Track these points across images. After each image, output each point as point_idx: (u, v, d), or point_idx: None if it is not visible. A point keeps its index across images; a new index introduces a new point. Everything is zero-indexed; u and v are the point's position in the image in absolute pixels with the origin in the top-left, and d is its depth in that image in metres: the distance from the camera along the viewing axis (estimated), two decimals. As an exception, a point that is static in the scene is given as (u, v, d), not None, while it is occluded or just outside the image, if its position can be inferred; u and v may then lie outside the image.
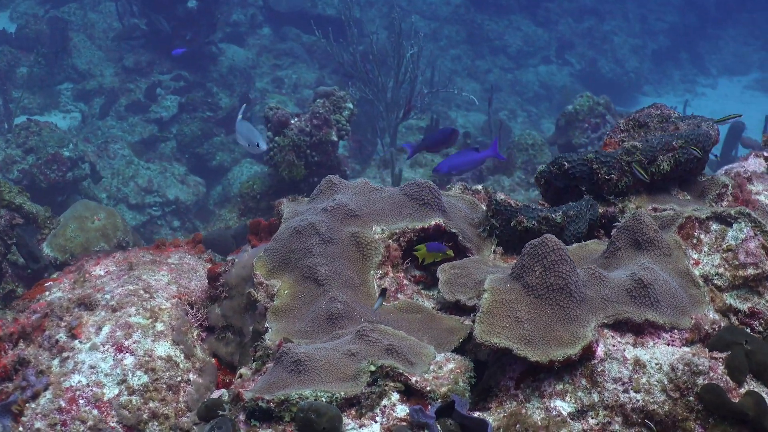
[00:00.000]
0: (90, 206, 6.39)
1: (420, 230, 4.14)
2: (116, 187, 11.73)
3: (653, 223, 3.75)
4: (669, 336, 3.43)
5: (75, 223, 6.12)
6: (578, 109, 11.56)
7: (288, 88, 16.30)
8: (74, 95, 14.60)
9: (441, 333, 3.67)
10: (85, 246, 6.03)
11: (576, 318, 3.34)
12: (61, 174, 10.07)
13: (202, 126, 13.31)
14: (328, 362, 3.30)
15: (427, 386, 3.26)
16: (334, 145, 8.64)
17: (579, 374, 3.31)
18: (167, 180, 12.03)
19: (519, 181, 10.81)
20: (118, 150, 12.40)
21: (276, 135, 8.53)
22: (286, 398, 3.17)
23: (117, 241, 6.12)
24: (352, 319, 3.68)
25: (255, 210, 8.93)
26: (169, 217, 11.79)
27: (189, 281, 4.49)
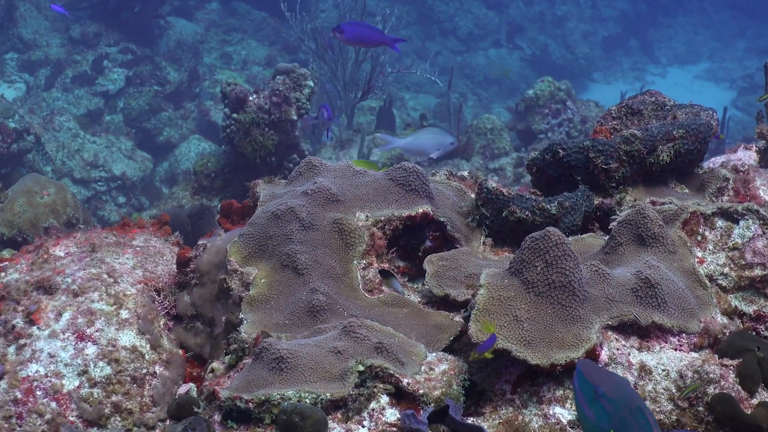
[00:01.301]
0: (39, 180, 6.09)
1: (406, 218, 3.90)
2: (61, 160, 11.45)
3: (658, 218, 3.55)
4: (676, 340, 3.26)
5: (23, 198, 5.82)
6: (539, 94, 11.48)
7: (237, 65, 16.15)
8: (19, 65, 14.27)
9: (429, 330, 3.44)
10: (34, 222, 5.74)
11: (579, 318, 3.14)
12: (6, 146, 9.81)
13: (149, 100, 13.14)
14: (313, 360, 3.06)
15: (419, 389, 3.03)
16: (293, 124, 8.47)
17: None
18: (114, 155, 11.80)
19: (478, 166, 10.68)
20: (63, 122, 12.15)
21: (233, 111, 8.30)
22: (267, 399, 2.92)
23: (67, 218, 5.83)
24: (334, 313, 3.44)
25: (209, 189, 8.75)
26: (115, 193, 11.60)
27: (155, 266, 4.21)
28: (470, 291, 3.54)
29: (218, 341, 3.63)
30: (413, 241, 3.97)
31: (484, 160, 10.89)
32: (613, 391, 2.45)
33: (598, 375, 2.48)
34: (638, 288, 3.26)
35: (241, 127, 8.21)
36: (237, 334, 3.42)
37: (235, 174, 8.68)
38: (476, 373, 3.28)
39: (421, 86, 17.47)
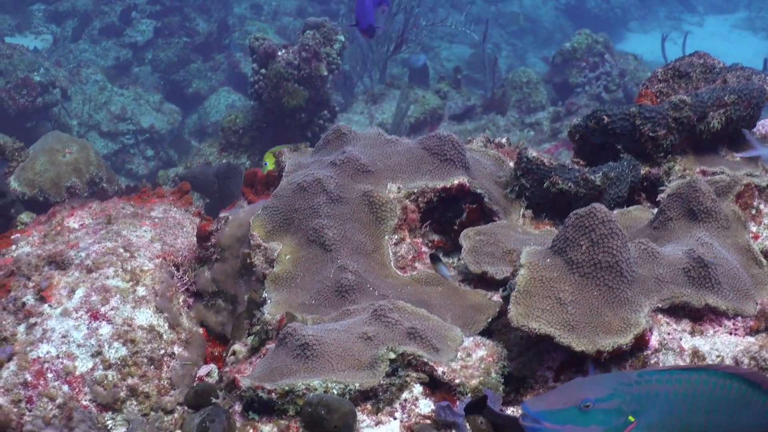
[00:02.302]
0: (61, 138, 5.88)
1: (441, 190, 3.68)
2: (88, 113, 11.28)
3: (710, 191, 3.31)
4: (731, 323, 3.02)
5: (45, 156, 5.62)
6: (576, 46, 11.24)
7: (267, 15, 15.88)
8: (46, 16, 14.08)
9: (466, 311, 3.23)
10: (56, 181, 5.53)
11: (627, 301, 2.91)
12: (31, 99, 9.70)
13: (178, 52, 12.94)
14: (341, 347, 2.84)
15: (455, 378, 2.82)
16: (323, 79, 8.25)
17: (629, 366, 2.89)
18: (141, 107, 11.63)
19: (514, 121, 10.46)
20: (90, 75, 11.99)
21: (262, 67, 8.08)
22: (291, 389, 2.71)
23: (90, 176, 5.62)
24: (364, 292, 3.22)
25: (237, 145, 8.57)
26: (143, 146, 11.44)
27: (175, 238, 4.01)
28: (509, 268, 3.32)
29: (240, 321, 3.42)
30: (448, 214, 3.75)
31: (520, 115, 10.67)
32: (599, 391, 2.30)
33: (558, 396, 2.32)
34: (690, 268, 3.02)
35: (269, 82, 7.99)
36: (260, 315, 3.21)
37: (264, 131, 8.49)
38: (516, 359, 3.06)
39: (455, 36, 17.11)
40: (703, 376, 2.32)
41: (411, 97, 10.38)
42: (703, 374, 2.33)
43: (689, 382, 2.33)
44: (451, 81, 10.93)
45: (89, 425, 3.35)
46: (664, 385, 2.30)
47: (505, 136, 4.38)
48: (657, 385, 2.30)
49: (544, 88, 11.04)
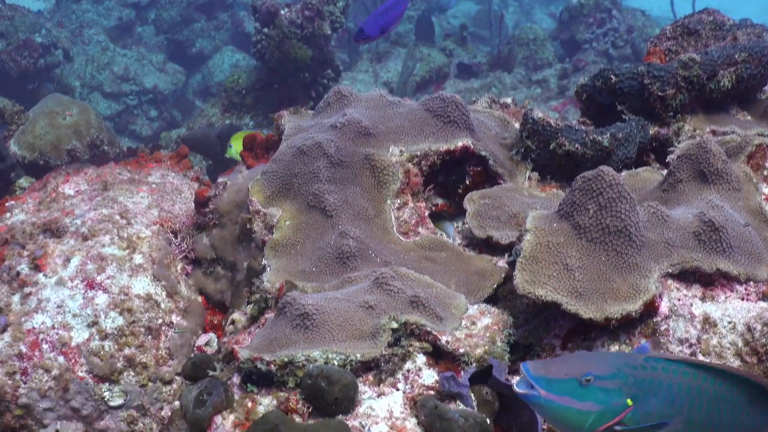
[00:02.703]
0: (62, 101, 5.79)
1: (445, 152, 3.58)
2: (90, 74, 11.15)
3: (721, 152, 3.21)
4: (743, 289, 2.93)
5: (45, 119, 5.52)
6: (583, 2, 11.14)
7: (271, -27, 15.57)
8: (47, -25, 13.90)
9: (470, 277, 3.15)
10: (56, 144, 5.44)
11: (636, 266, 2.83)
12: (32, 61, 9.60)
13: (181, 11, 12.80)
14: (341, 316, 2.76)
15: (459, 347, 2.74)
16: (327, 38, 8.15)
17: (638, 333, 2.82)
18: (144, 68, 11.50)
19: (520, 78, 10.34)
20: (93, 35, 11.85)
21: (264, 26, 7.96)
22: (290, 360, 2.63)
23: (90, 139, 5.52)
24: (365, 259, 3.14)
25: (240, 106, 8.46)
26: (146, 107, 11.33)
27: (172, 204, 3.92)
28: (515, 232, 3.24)
29: (239, 289, 3.35)
30: (452, 177, 3.66)
31: (527, 72, 10.55)
32: (603, 367, 2.19)
33: (560, 366, 2.21)
34: (701, 231, 2.93)
35: (272, 42, 7.87)
36: (259, 283, 3.13)
37: (267, 91, 8.37)
38: (522, 326, 2.99)
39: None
40: (710, 374, 2.23)
41: (417, 55, 10.26)
42: (710, 372, 2.24)
43: (695, 377, 2.23)
44: (456, 38, 10.80)
45: (86, 397, 3.29)
46: (669, 375, 2.21)
47: (510, 96, 4.27)
48: (662, 374, 2.21)
49: (551, 44, 10.91)
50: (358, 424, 2.55)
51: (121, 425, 3.34)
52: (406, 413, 2.62)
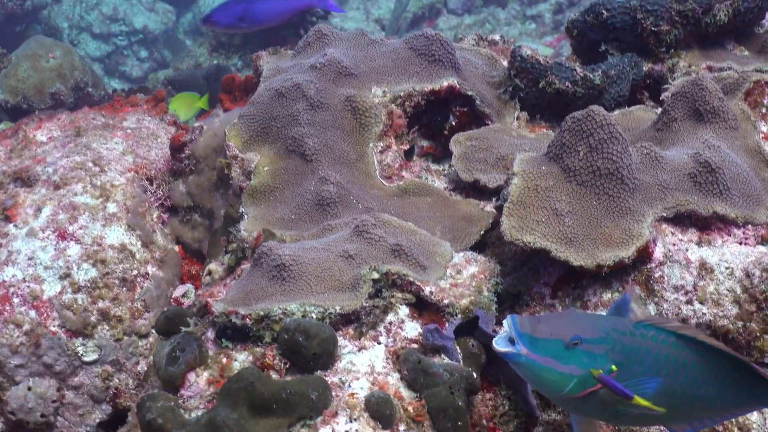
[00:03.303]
0: (45, 43, 5.62)
1: (429, 93, 3.43)
2: (79, 15, 10.94)
3: (717, 90, 3.09)
4: (741, 232, 2.82)
5: (28, 62, 5.36)
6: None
7: None
8: None
9: (457, 223, 3.03)
10: (39, 87, 5.29)
11: (629, 210, 2.72)
12: (19, 2, 9.35)
13: (171, -54, 12.49)
14: (320, 267, 2.63)
15: (443, 298, 2.62)
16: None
17: (632, 281, 2.72)
18: (134, 7, 11.27)
19: (515, 14, 10.14)
20: (80, -26, 11.58)
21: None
22: (266, 314, 2.50)
23: (74, 82, 5.36)
24: (347, 205, 3.01)
25: (227, 46, 8.25)
26: (136, 47, 11.10)
27: (148, 150, 3.77)
28: (503, 175, 3.12)
29: (216, 238, 3.22)
30: (438, 119, 3.52)
31: (521, 7, 10.33)
32: (591, 330, 2.10)
33: (547, 325, 2.11)
34: (697, 173, 2.82)
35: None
36: (236, 232, 3.00)
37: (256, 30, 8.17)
38: (510, 274, 2.87)
39: None
40: (698, 348, 2.16)
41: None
42: (699, 346, 2.16)
43: (682, 350, 2.15)
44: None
45: (58, 352, 3.17)
46: (657, 345, 2.14)
47: (498, 33, 4.13)
48: (650, 342, 2.13)
49: (546, -25, 10.72)
50: (338, 380, 2.44)
51: (96, 381, 3.23)
52: (389, 368, 2.51)
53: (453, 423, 2.40)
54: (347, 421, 2.37)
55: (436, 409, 2.41)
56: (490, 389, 2.65)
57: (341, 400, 2.39)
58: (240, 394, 2.28)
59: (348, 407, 2.38)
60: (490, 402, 2.63)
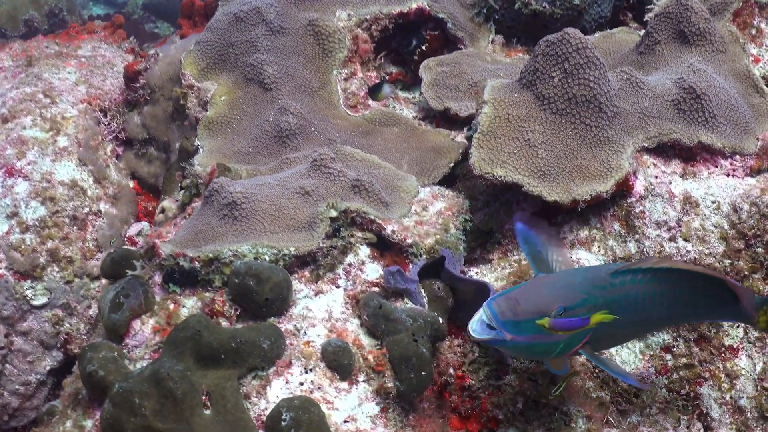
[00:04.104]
0: (17, -32, 5.40)
1: (397, 15, 3.28)
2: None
3: (704, 10, 2.94)
4: (728, 163, 2.69)
5: (0, -11, 5.15)
6: None
7: None
8: None
9: (425, 154, 2.87)
10: (12, 14, 5.07)
11: (607, 140, 2.57)
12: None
13: None
14: (274, 205, 2.47)
15: (407, 237, 2.46)
16: None
17: (611, 216, 2.59)
18: (115, -71, 11.00)
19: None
20: None
21: None
22: (216, 256, 2.34)
23: (49, 8, 5.15)
24: (307, 137, 2.84)
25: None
26: (119, -29, 10.83)
27: (103, 80, 3.61)
28: (475, 104, 2.95)
29: (172, 173, 3.08)
30: (407, 43, 3.38)
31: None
32: (571, 296, 2.05)
33: (527, 304, 2.02)
34: (681, 99, 2.67)
35: None
36: (190, 167, 2.83)
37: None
38: (482, 209, 2.70)
39: None
40: (672, 276, 2.13)
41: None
42: (672, 274, 2.12)
43: (660, 282, 2.12)
44: None
45: (6, 296, 3.05)
46: (636, 286, 2.10)
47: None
48: (630, 287, 2.09)
49: None
50: (292, 327, 2.29)
51: (46, 326, 3.10)
52: (348, 314, 2.36)
53: (416, 372, 2.25)
54: (302, 372, 2.23)
55: (398, 357, 2.26)
56: (458, 335, 2.49)
57: (296, 348, 2.25)
58: (186, 344, 2.14)
59: (303, 357, 2.24)
60: (458, 348, 2.47)
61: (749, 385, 2.47)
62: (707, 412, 2.46)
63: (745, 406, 2.47)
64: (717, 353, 2.49)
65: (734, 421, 2.47)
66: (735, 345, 2.51)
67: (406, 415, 2.32)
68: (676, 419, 2.46)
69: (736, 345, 2.51)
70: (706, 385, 2.46)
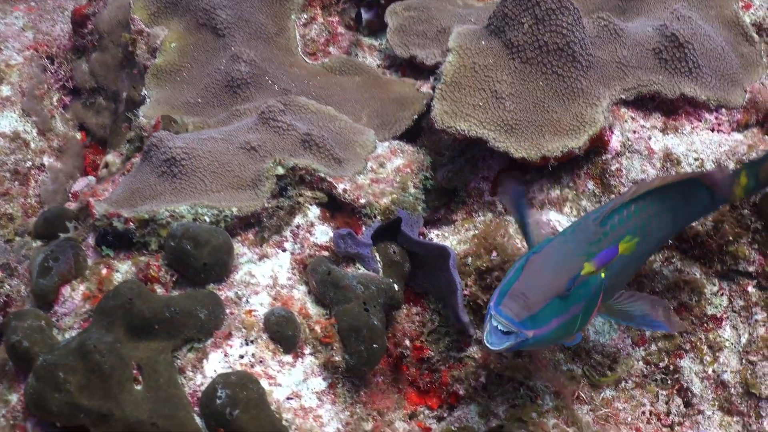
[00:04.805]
0: None
1: (362, -46, 3.11)
2: None
3: (690, -51, 2.74)
4: (713, 117, 2.54)
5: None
6: None
7: None
8: None
9: (387, 106, 2.71)
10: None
11: (581, 92, 2.41)
12: None
13: None
14: (217, 161, 2.30)
15: (359, 197, 2.29)
16: None
17: (584, 175, 2.44)
18: None
19: None
20: None
21: None
22: (152, 217, 2.17)
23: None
24: (261, 87, 2.69)
25: None
26: None
27: (53, 25, 3.45)
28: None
29: (118, 124, 2.93)
30: (373, -15, 3.21)
31: None
32: (573, 265, 1.91)
33: (537, 293, 1.88)
34: (662, 48, 2.51)
35: None
36: (135, 118, 2.65)
37: None
38: (446, 166, 2.51)
39: None
40: (656, 194, 2.07)
41: None
42: (655, 192, 2.06)
43: (647, 207, 2.05)
44: None
45: (-58, 259, 2.87)
46: (626, 222, 2.01)
47: None
48: (622, 227, 2.00)
49: None
50: (233, 294, 2.12)
51: (-16, 289, 2.94)
52: (294, 280, 2.20)
53: (367, 345, 2.08)
54: (243, 344, 2.08)
55: (347, 329, 2.10)
56: (417, 302, 2.33)
57: (236, 318, 2.10)
58: (116, 313, 2.00)
59: (244, 327, 2.09)
60: (416, 317, 2.30)
61: (733, 358, 2.34)
62: (688, 387, 2.33)
63: (729, 381, 2.33)
64: (699, 323, 2.36)
65: (717, 397, 2.34)
66: (718, 314, 2.37)
67: (357, 390, 2.16)
68: (654, 394, 2.33)
69: (720, 314, 2.37)
70: (687, 357, 2.34)
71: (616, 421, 2.27)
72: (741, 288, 2.36)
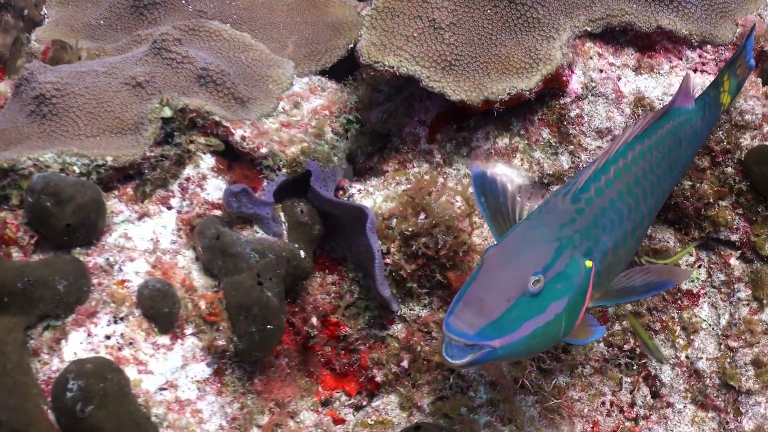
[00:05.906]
0: None
1: None
2: None
3: None
4: (697, 55, 2.17)
5: None
6: None
7: None
8: None
9: (320, 32, 2.36)
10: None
11: (537, 23, 2.06)
12: None
13: None
14: (95, 99, 1.94)
15: (261, 146, 1.92)
16: None
17: (538, 121, 2.09)
18: None
19: None
20: None
21: None
22: (11, 166, 1.83)
23: None
24: (172, 8, 2.34)
25: None
26: None
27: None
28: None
29: (17, 47, 2.54)
30: None
31: None
32: (543, 253, 1.62)
33: (496, 291, 1.56)
34: None
35: None
36: (26, 42, 2.27)
37: None
38: (382, 104, 2.14)
39: None
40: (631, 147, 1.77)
41: None
42: (631, 145, 1.77)
43: (631, 166, 1.76)
44: None
45: None
46: (605, 193, 1.72)
47: None
48: (601, 198, 1.71)
49: None
50: (103, 261, 1.79)
51: None
52: (180, 243, 1.86)
53: (259, 326, 1.76)
54: (110, 322, 1.76)
55: (236, 306, 1.77)
56: (333, 269, 1.98)
57: (105, 290, 1.78)
58: None
59: (114, 301, 1.77)
60: (332, 288, 1.96)
61: (710, 342, 2.05)
62: (656, 375, 2.04)
63: (704, 370, 2.04)
64: (671, 299, 2.06)
65: (690, 387, 2.05)
66: (694, 290, 2.06)
67: (250, 378, 1.83)
68: (617, 381, 2.02)
69: (696, 290, 2.05)
70: (656, 339, 2.04)
71: (569, 414, 1.93)
72: (722, 260, 2.03)
